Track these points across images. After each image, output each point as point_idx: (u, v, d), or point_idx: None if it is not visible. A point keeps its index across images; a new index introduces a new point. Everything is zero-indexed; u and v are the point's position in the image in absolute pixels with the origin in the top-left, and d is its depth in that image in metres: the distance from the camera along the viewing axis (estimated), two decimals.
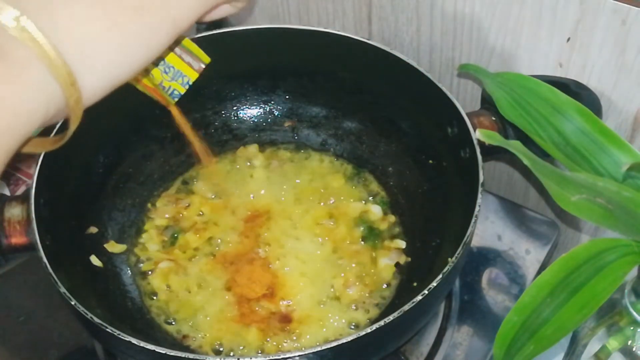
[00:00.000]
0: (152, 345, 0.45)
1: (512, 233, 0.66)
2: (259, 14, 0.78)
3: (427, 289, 0.47)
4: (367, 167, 0.68)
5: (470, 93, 0.69)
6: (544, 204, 0.72)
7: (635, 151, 0.48)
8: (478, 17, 0.61)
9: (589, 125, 0.49)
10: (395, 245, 0.62)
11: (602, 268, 0.43)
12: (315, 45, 0.64)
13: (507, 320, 0.43)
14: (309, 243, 0.62)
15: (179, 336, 0.57)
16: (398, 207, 0.65)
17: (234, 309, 0.58)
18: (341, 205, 0.65)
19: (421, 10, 0.65)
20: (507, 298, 0.61)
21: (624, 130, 0.60)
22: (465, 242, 0.49)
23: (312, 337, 0.57)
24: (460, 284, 0.62)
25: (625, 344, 0.50)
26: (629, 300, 0.48)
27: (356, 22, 0.71)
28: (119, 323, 0.51)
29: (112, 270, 0.60)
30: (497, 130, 0.57)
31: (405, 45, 0.69)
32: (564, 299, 0.43)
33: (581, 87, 0.59)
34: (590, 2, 0.54)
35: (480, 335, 0.59)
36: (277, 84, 0.69)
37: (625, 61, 0.56)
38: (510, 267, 0.63)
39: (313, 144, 0.70)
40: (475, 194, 0.52)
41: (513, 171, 0.72)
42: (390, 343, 0.52)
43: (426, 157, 0.63)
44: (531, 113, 0.52)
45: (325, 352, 0.45)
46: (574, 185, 0.42)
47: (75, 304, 0.47)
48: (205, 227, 0.63)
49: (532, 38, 0.60)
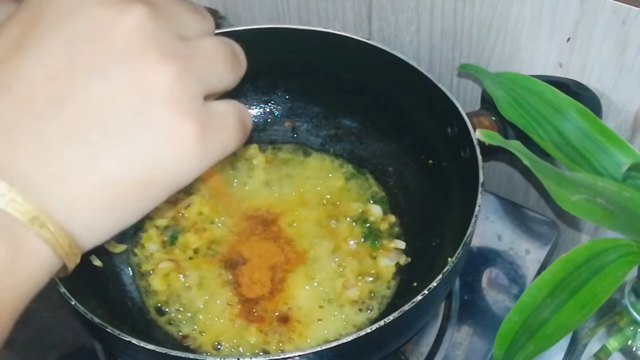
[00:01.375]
0: (152, 345, 0.45)
1: (512, 233, 0.66)
2: (259, 14, 0.78)
3: (427, 289, 0.47)
4: (367, 167, 0.68)
5: (470, 93, 0.69)
6: (544, 204, 0.72)
7: (635, 151, 0.48)
8: (478, 17, 0.61)
9: (589, 125, 0.49)
10: (395, 245, 0.62)
11: (602, 268, 0.43)
12: (315, 45, 0.64)
13: (507, 320, 0.44)
14: (309, 243, 0.62)
15: (179, 336, 0.57)
16: (398, 207, 0.65)
17: (234, 309, 0.58)
18: (341, 205, 0.65)
19: (421, 10, 0.65)
20: (507, 298, 0.61)
21: (624, 130, 0.60)
22: (465, 242, 0.49)
23: (312, 337, 0.57)
24: (460, 284, 0.62)
25: (625, 344, 0.50)
26: (629, 300, 0.48)
27: (356, 22, 0.71)
28: (119, 323, 0.51)
29: (112, 270, 0.60)
30: (497, 130, 0.57)
31: (405, 45, 0.69)
32: (564, 299, 0.43)
33: (581, 87, 0.59)
34: (590, 2, 0.54)
35: (480, 335, 0.59)
36: (277, 84, 0.69)
37: (625, 61, 0.56)
38: (510, 267, 0.63)
39: (313, 144, 0.70)
40: (475, 194, 0.52)
41: (513, 171, 0.72)
42: (390, 343, 0.52)
43: (426, 157, 0.63)
44: (531, 113, 0.52)
45: (325, 352, 0.45)
46: (574, 185, 0.42)
47: (75, 304, 0.47)
48: (205, 227, 0.63)
49: (532, 38, 0.60)
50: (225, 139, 0.27)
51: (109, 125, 0.25)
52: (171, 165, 0.26)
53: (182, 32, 0.27)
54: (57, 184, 0.25)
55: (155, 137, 0.25)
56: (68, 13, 0.25)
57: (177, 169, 0.26)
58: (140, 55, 0.25)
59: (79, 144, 0.25)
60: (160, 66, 0.25)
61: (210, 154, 0.27)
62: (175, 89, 0.26)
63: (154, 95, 0.25)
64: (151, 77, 0.25)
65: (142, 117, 0.25)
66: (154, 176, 0.26)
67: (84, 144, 0.25)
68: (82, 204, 0.25)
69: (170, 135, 0.26)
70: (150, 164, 0.26)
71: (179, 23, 0.27)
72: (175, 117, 0.26)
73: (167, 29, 0.26)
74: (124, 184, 0.26)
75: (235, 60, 0.29)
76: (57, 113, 0.25)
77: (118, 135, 0.25)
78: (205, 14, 0.30)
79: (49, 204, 0.25)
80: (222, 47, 0.29)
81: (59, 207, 0.25)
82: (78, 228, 0.26)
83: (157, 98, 0.25)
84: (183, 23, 0.28)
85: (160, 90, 0.25)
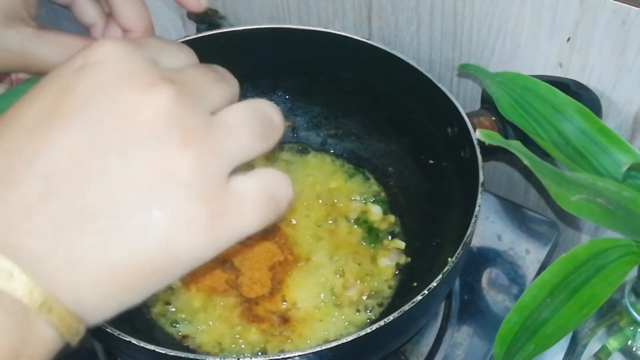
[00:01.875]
0: (152, 345, 0.45)
1: (512, 233, 0.66)
2: (259, 14, 0.78)
3: (427, 289, 0.47)
4: (367, 167, 0.68)
5: (470, 93, 0.69)
6: (544, 204, 0.72)
7: (635, 151, 0.48)
8: (478, 17, 0.61)
9: (589, 125, 0.49)
10: (395, 245, 0.62)
11: (602, 268, 0.43)
12: (315, 45, 0.64)
13: (507, 320, 0.43)
14: (309, 243, 0.62)
15: (179, 336, 0.57)
16: (398, 207, 0.65)
17: (234, 309, 0.58)
18: (341, 205, 0.65)
19: (421, 10, 0.65)
20: (507, 298, 0.61)
21: (624, 130, 0.60)
22: (465, 242, 0.49)
23: (312, 337, 0.57)
24: (460, 284, 0.62)
25: (625, 344, 0.50)
26: (629, 300, 0.48)
27: (356, 22, 0.71)
28: (119, 323, 0.51)
29: None
30: (497, 130, 0.57)
31: (405, 45, 0.69)
32: (564, 299, 0.43)
33: (581, 87, 0.59)
34: (590, 2, 0.54)
35: (480, 335, 0.59)
36: (277, 84, 0.69)
37: (625, 61, 0.56)
38: (510, 267, 0.63)
39: (313, 143, 0.70)
40: (475, 194, 0.52)
41: (513, 171, 0.72)
42: (390, 343, 0.52)
43: (426, 157, 0.63)
44: (531, 113, 0.52)
45: (325, 352, 0.45)
46: (574, 185, 0.42)
47: None
48: None
49: (532, 38, 0.60)
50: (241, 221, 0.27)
51: (125, 209, 0.25)
52: (182, 251, 0.26)
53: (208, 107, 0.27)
54: (68, 269, 0.25)
55: (168, 223, 0.25)
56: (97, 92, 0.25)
57: (187, 254, 0.26)
58: (163, 139, 0.25)
59: (93, 229, 0.25)
60: (182, 152, 0.25)
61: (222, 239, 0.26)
62: (194, 175, 0.25)
63: (171, 181, 0.25)
64: (171, 162, 0.25)
65: (158, 202, 0.25)
66: (164, 262, 0.26)
67: (98, 228, 0.25)
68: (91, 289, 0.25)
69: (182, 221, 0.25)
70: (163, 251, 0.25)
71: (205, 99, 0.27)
72: (189, 203, 0.25)
73: (192, 110, 0.26)
74: (134, 271, 0.25)
75: (266, 127, 0.28)
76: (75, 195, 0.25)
77: (134, 220, 0.25)
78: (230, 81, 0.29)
79: (58, 289, 0.25)
80: (251, 117, 0.28)
81: (68, 291, 0.25)
82: (85, 310, 0.26)
83: (175, 184, 0.25)
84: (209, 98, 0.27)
85: (179, 176, 0.25)
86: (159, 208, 0.25)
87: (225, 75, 0.30)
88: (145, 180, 0.25)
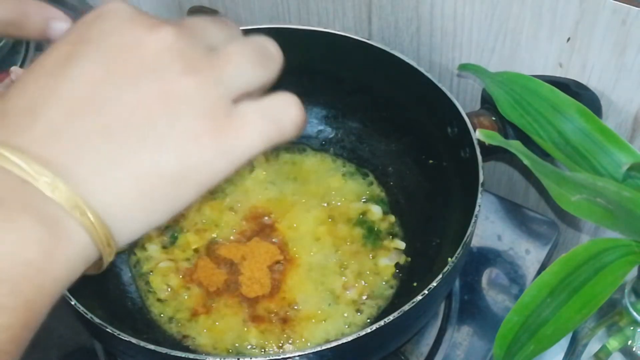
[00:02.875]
0: (152, 345, 0.45)
1: (512, 233, 0.66)
2: (259, 14, 0.78)
3: (427, 289, 0.47)
4: (367, 167, 0.68)
5: (470, 93, 0.69)
6: (544, 204, 0.72)
7: (635, 151, 0.48)
8: (478, 17, 0.61)
9: (589, 125, 0.49)
10: (395, 245, 0.62)
11: (602, 268, 0.43)
12: (315, 45, 0.64)
13: (507, 320, 0.44)
14: (309, 243, 0.62)
15: (179, 336, 0.57)
16: (398, 207, 0.65)
17: (234, 309, 0.58)
18: (341, 205, 0.65)
19: (421, 10, 0.65)
20: (507, 298, 0.61)
21: (624, 130, 0.60)
22: (465, 242, 0.49)
23: (312, 337, 0.57)
24: (460, 284, 0.62)
25: (625, 344, 0.50)
26: (629, 300, 0.48)
27: (356, 22, 0.71)
28: (119, 323, 0.51)
29: (112, 270, 0.60)
30: (497, 130, 0.57)
31: (405, 45, 0.69)
32: (564, 299, 0.43)
33: (581, 87, 0.59)
34: (590, 2, 0.54)
35: (480, 335, 0.59)
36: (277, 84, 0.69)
37: (625, 61, 0.56)
38: (510, 267, 0.63)
39: (313, 143, 0.70)
40: (475, 194, 0.52)
41: (513, 171, 0.72)
42: (390, 343, 0.52)
43: (426, 157, 0.63)
44: (531, 113, 0.52)
45: (325, 352, 0.45)
46: (574, 185, 0.42)
47: (75, 304, 0.47)
48: (206, 227, 0.63)
49: (532, 38, 0.60)
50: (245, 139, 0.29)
51: (140, 127, 0.28)
52: (195, 163, 0.29)
53: (208, 43, 0.31)
54: (95, 176, 0.28)
55: (179, 138, 0.28)
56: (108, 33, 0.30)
57: (200, 167, 0.29)
58: (167, 68, 0.29)
59: (114, 142, 0.28)
60: (185, 78, 0.29)
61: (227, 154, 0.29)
62: (198, 97, 0.29)
63: (178, 102, 0.28)
64: (176, 86, 0.29)
65: (168, 121, 0.28)
66: (181, 173, 0.29)
67: (118, 142, 0.28)
68: (118, 196, 0.28)
69: (191, 135, 0.28)
70: (177, 163, 0.28)
71: (204, 36, 0.31)
72: (195, 120, 0.29)
73: (191, 44, 0.30)
74: (155, 180, 0.28)
75: (263, 56, 0.33)
76: (96, 114, 0.28)
77: (149, 136, 0.28)
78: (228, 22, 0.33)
79: (88, 194, 0.27)
80: (247, 47, 0.31)
81: (97, 197, 0.27)
82: (114, 220, 0.28)
83: (182, 105, 0.29)
84: (208, 35, 0.31)
85: (184, 98, 0.29)
86: (169, 125, 0.28)
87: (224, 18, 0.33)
88: (155, 103, 0.28)
